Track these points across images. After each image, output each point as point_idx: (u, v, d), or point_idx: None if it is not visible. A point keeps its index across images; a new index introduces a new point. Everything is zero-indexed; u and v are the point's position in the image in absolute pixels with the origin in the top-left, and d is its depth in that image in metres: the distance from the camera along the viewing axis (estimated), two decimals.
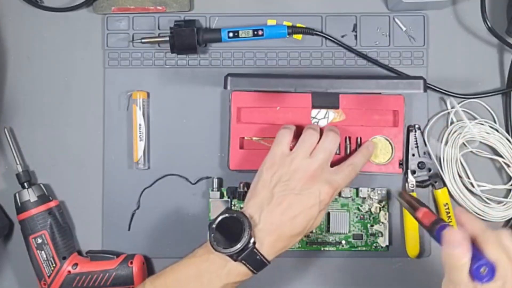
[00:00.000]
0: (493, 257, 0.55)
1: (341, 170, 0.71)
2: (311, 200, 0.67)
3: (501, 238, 0.57)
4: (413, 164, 0.80)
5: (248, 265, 0.65)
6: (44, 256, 0.76)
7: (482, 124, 0.80)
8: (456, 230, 0.58)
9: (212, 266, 0.66)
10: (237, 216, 0.66)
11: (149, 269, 0.80)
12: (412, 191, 0.79)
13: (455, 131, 0.80)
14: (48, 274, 0.76)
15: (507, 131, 0.81)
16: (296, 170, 0.68)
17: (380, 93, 0.78)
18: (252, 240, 0.65)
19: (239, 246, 0.64)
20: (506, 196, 0.81)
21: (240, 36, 0.79)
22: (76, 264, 0.77)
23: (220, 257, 0.65)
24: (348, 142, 0.78)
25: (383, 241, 0.80)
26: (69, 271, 0.77)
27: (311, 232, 0.80)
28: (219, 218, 0.66)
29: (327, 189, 0.68)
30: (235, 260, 0.65)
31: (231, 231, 0.65)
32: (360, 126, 0.79)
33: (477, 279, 0.55)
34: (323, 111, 0.79)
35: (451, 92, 0.81)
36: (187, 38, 0.78)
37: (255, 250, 0.65)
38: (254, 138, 0.79)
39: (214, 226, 0.66)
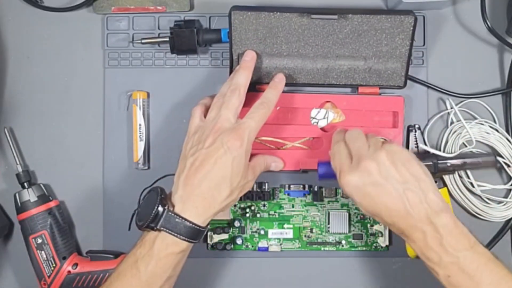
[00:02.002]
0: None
1: (252, 112, 0.71)
2: (219, 151, 0.67)
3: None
4: None
5: (170, 231, 0.65)
6: (44, 256, 0.76)
7: (482, 124, 0.80)
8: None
9: (144, 247, 0.66)
10: (152, 189, 0.68)
11: None
12: None
13: (455, 131, 0.80)
14: (48, 274, 0.76)
15: (507, 131, 0.81)
16: (204, 131, 0.69)
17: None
18: (166, 206, 0.65)
19: (153, 213, 0.64)
20: (506, 196, 0.81)
21: None
22: (76, 264, 0.77)
23: (149, 237, 0.66)
24: None
25: (383, 241, 0.80)
26: (69, 271, 0.77)
27: (311, 232, 0.80)
28: (142, 197, 0.69)
29: (231, 135, 0.67)
30: (158, 230, 0.65)
31: (152, 207, 0.65)
32: (359, 127, 0.78)
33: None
34: (323, 111, 0.79)
35: (451, 92, 0.81)
36: (187, 39, 0.78)
37: (170, 213, 0.65)
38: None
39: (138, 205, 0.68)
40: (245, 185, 0.70)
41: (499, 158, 0.80)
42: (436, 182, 0.78)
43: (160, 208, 0.65)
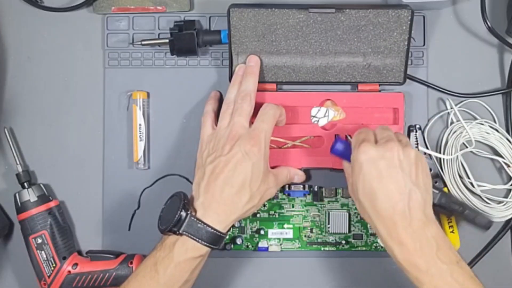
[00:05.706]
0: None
1: (261, 115, 0.72)
2: (237, 157, 0.68)
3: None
4: None
5: (192, 236, 0.66)
6: (44, 256, 0.76)
7: (482, 124, 0.80)
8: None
9: (163, 251, 0.67)
10: (176, 194, 0.69)
11: None
12: None
13: (455, 131, 0.80)
14: (48, 274, 0.76)
15: (507, 131, 0.81)
16: (219, 139, 0.70)
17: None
18: (189, 211, 0.66)
19: (176, 217, 0.65)
20: (506, 196, 0.81)
21: None
22: (76, 264, 0.77)
23: (169, 240, 0.67)
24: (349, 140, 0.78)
25: None
26: (69, 271, 0.77)
27: (311, 232, 0.80)
28: (165, 202, 0.70)
29: (248, 141, 0.68)
30: (180, 234, 0.66)
31: (175, 211, 0.66)
32: (360, 124, 0.79)
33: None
34: (323, 109, 0.79)
35: (451, 92, 0.81)
36: (187, 42, 0.78)
37: (193, 218, 0.66)
38: None
39: (161, 209, 0.69)
40: (266, 191, 0.71)
41: (499, 158, 0.80)
42: (436, 182, 0.79)
43: (183, 213, 0.66)
